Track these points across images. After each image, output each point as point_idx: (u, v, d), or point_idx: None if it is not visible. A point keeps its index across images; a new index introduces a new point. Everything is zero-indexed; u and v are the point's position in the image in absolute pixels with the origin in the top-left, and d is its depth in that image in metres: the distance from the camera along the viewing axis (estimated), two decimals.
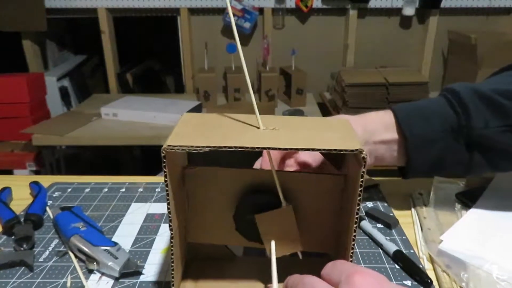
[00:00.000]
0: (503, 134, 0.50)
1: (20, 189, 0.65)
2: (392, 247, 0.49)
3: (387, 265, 0.48)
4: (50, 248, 0.51)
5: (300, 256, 0.44)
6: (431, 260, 0.48)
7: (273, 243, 0.42)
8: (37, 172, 1.74)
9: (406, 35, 2.16)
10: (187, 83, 2.19)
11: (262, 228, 0.42)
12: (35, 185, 0.63)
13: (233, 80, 1.86)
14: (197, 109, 1.74)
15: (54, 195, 0.64)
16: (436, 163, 0.53)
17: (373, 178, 0.68)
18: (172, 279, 0.40)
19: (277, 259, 0.49)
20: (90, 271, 0.47)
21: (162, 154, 0.34)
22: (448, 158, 0.53)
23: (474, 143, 0.51)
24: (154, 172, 0.99)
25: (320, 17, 2.12)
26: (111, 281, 0.45)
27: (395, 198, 0.62)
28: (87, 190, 0.66)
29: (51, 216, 0.57)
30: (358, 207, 0.36)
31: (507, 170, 0.56)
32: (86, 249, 0.47)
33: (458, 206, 0.58)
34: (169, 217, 0.37)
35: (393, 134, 0.53)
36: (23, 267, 0.47)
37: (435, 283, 0.45)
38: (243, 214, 0.43)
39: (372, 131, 0.54)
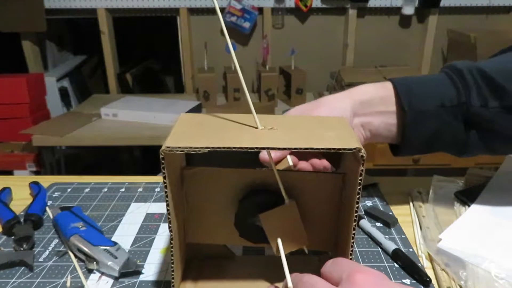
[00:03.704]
0: (498, 115, 0.49)
1: (20, 189, 0.65)
2: (391, 246, 0.49)
3: (386, 264, 0.48)
4: (50, 248, 0.51)
5: (306, 251, 0.43)
6: (430, 259, 0.49)
7: (279, 240, 0.41)
8: (37, 173, 1.74)
9: (406, 34, 2.15)
10: (187, 83, 2.19)
11: (267, 227, 0.41)
12: (35, 185, 0.63)
13: (233, 80, 1.86)
14: (197, 109, 1.74)
15: (54, 195, 0.64)
16: (432, 139, 0.52)
17: (372, 177, 0.68)
18: (172, 279, 0.40)
19: (276, 257, 0.49)
20: (90, 271, 0.47)
21: (161, 156, 0.34)
22: (444, 134, 0.51)
23: (472, 121, 0.50)
24: (154, 172, 0.99)
25: (320, 17, 2.12)
26: (111, 281, 0.45)
27: (394, 197, 0.62)
28: (87, 190, 0.66)
29: (51, 216, 0.57)
30: (357, 205, 0.36)
31: (502, 153, 0.55)
32: (85, 249, 0.47)
33: (457, 204, 0.58)
34: (169, 218, 0.37)
35: (390, 106, 0.52)
36: (23, 267, 0.47)
37: (434, 281, 0.45)
38: (245, 217, 0.42)
39: (367, 102, 0.52)
